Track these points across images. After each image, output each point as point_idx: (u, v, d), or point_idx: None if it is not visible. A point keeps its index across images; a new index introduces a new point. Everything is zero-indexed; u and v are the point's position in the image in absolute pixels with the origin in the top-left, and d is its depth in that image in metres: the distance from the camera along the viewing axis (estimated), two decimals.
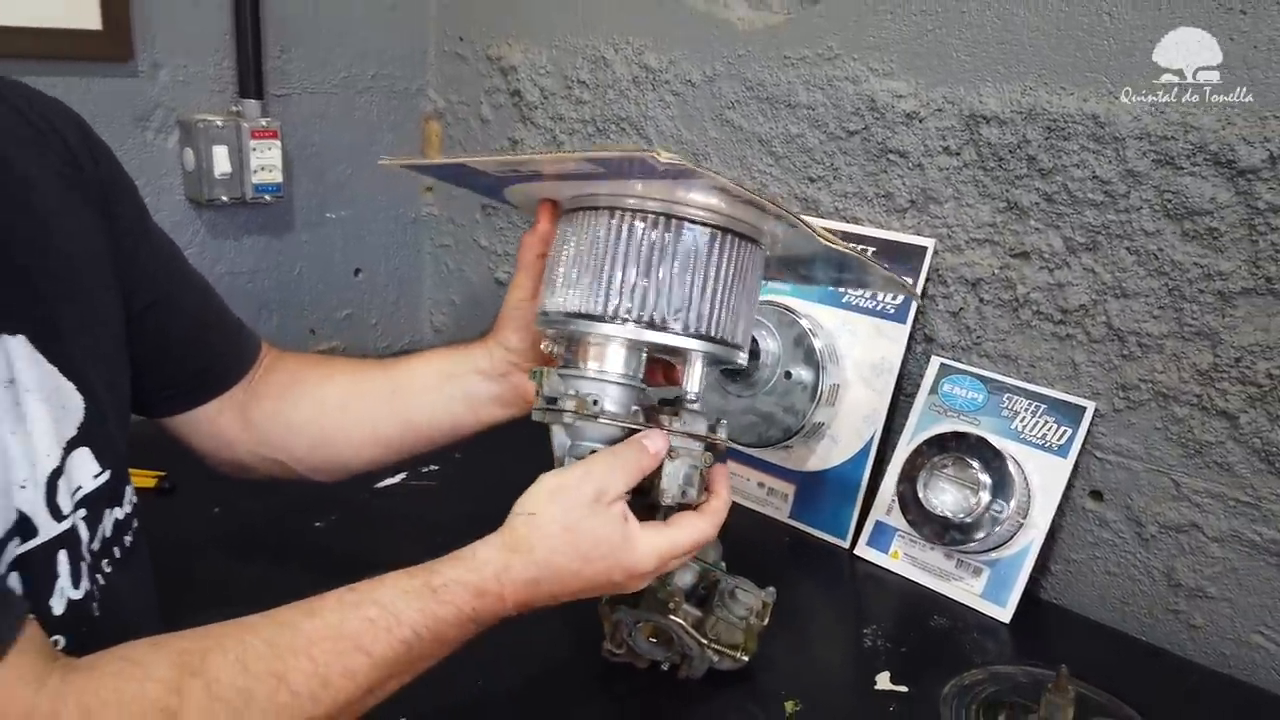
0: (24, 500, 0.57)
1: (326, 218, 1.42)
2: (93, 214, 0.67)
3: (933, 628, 0.92)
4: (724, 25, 1.15)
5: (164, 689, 0.51)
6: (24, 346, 0.58)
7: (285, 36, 1.29)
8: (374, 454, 0.83)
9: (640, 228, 0.65)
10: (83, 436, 0.62)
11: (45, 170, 0.63)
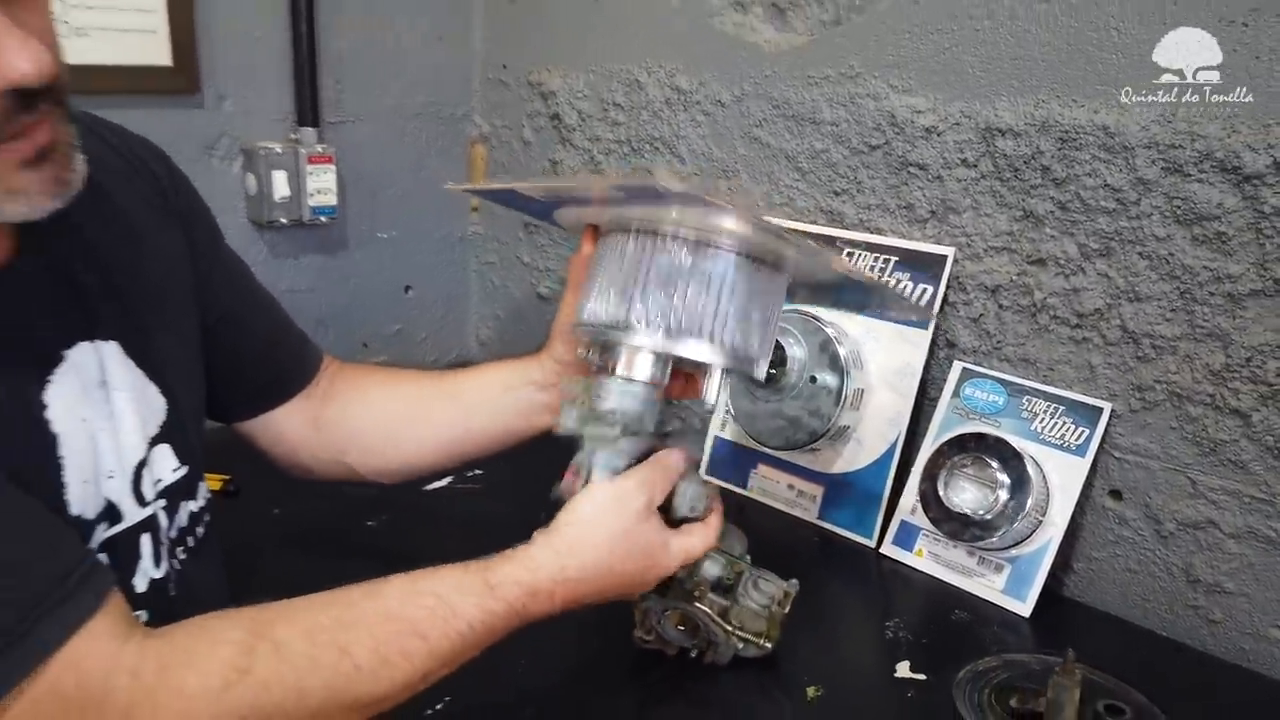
0: (111, 489, 0.65)
1: (378, 238, 1.49)
2: (175, 238, 0.75)
3: (954, 621, 0.96)
4: (751, 48, 1.21)
5: (236, 650, 0.56)
6: (116, 352, 0.66)
7: (339, 68, 1.38)
8: (435, 458, 0.90)
9: (665, 249, 0.70)
10: (164, 434, 0.70)
11: (135, 198, 0.71)
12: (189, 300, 0.76)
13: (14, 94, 0.50)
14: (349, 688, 0.59)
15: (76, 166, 0.57)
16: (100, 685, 0.53)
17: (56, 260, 0.64)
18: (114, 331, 0.66)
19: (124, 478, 0.66)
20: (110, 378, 0.65)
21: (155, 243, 0.73)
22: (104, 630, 0.54)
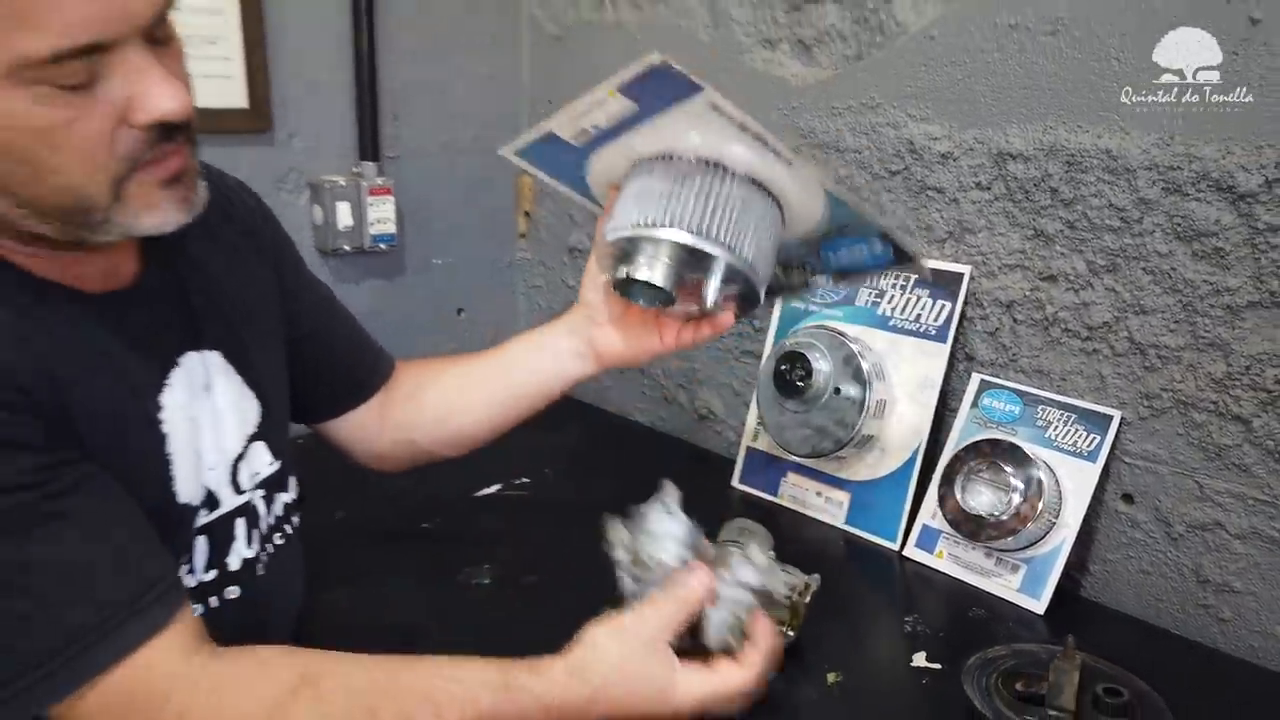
0: (211, 480, 0.74)
1: (433, 264, 1.59)
2: (265, 265, 0.86)
3: (971, 618, 1.01)
4: (779, 81, 1.29)
5: (284, 689, 0.64)
6: (219, 361, 0.76)
7: (397, 107, 1.49)
8: (487, 420, 0.96)
9: (674, 165, 0.77)
10: (259, 433, 0.79)
11: (233, 231, 0.82)
12: (277, 318, 0.86)
13: (158, 126, 0.60)
14: None
15: (200, 191, 0.67)
16: (162, 692, 0.61)
17: (172, 279, 0.74)
18: (216, 343, 0.76)
19: (223, 470, 0.75)
20: (213, 383, 0.75)
21: (249, 268, 0.83)
22: (173, 644, 0.62)
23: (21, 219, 0.61)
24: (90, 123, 0.58)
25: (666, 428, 1.54)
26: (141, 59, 0.59)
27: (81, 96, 0.57)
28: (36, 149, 0.57)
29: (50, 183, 0.59)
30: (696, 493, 1.31)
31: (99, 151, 0.59)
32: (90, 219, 0.62)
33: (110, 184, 0.60)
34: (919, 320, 1.16)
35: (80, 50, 0.55)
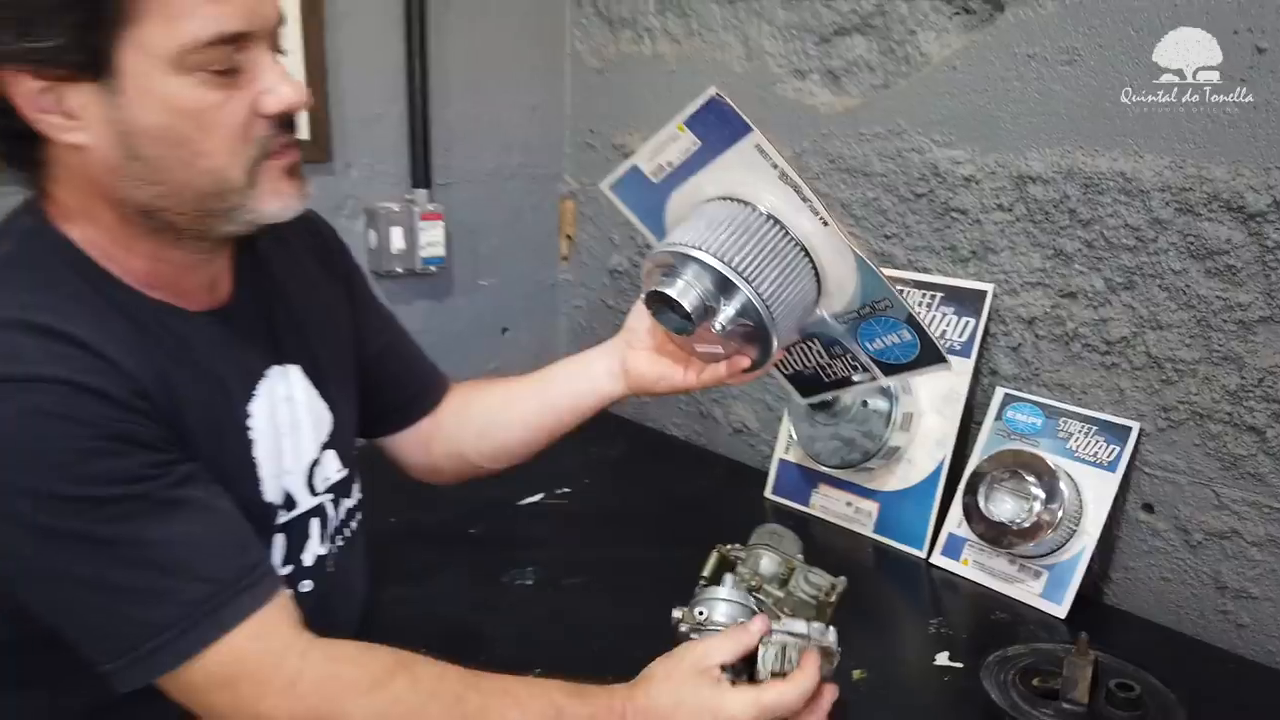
0: (289, 483, 0.81)
1: (479, 285, 1.67)
2: (338, 289, 0.94)
3: (994, 620, 1.05)
4: (809, 110, 1.35)
5: (385, 668, 0.70)
6: (299, 374, 0.83)
7: (448, 137, 1.57)
8: (526, 436, 1.01)
9: (723, 206, 0.83)
10: (330, 442, 0.87)
11: (310, 257, 0.90)
12: (348, 338, 0.94)
13: (280, 117, 0.69)
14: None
15: (308, 187, 0.75)
16: (276, 655, 0.68)
17: (259, 298, 0.82)
18: (296, 357, 0.84)
19: (300, 474, 0.83)
20: (293, 394, 0.82)
21: (324, 291, 0.91)
22: (279, 618, 0.69)
23: (162, 207, 0.69)
24: (235, 106, 0.67)
25: (702, 441, 1.60)
26: (268, 58, 0.68)
27: (227, 83, 0.66)
28: (192, 132, 0.66)
29: (199, 166, 0.68)
30: (731, 504, 1.38)
31: (240, 135, 0.68)
32: (225, 203, 0.70)
33: (246, 168, 0.69)
34: (944, 336, 1.20)
35: (230, 37, 0.65)
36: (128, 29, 0.63)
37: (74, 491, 0.63)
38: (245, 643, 0.66)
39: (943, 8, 1.19)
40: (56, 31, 0.62)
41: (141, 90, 0.65)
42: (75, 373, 0.64)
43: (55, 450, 0.63)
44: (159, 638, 0.64)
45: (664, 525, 1.29)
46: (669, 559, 1.10)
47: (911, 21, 1.22)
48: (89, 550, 0.64)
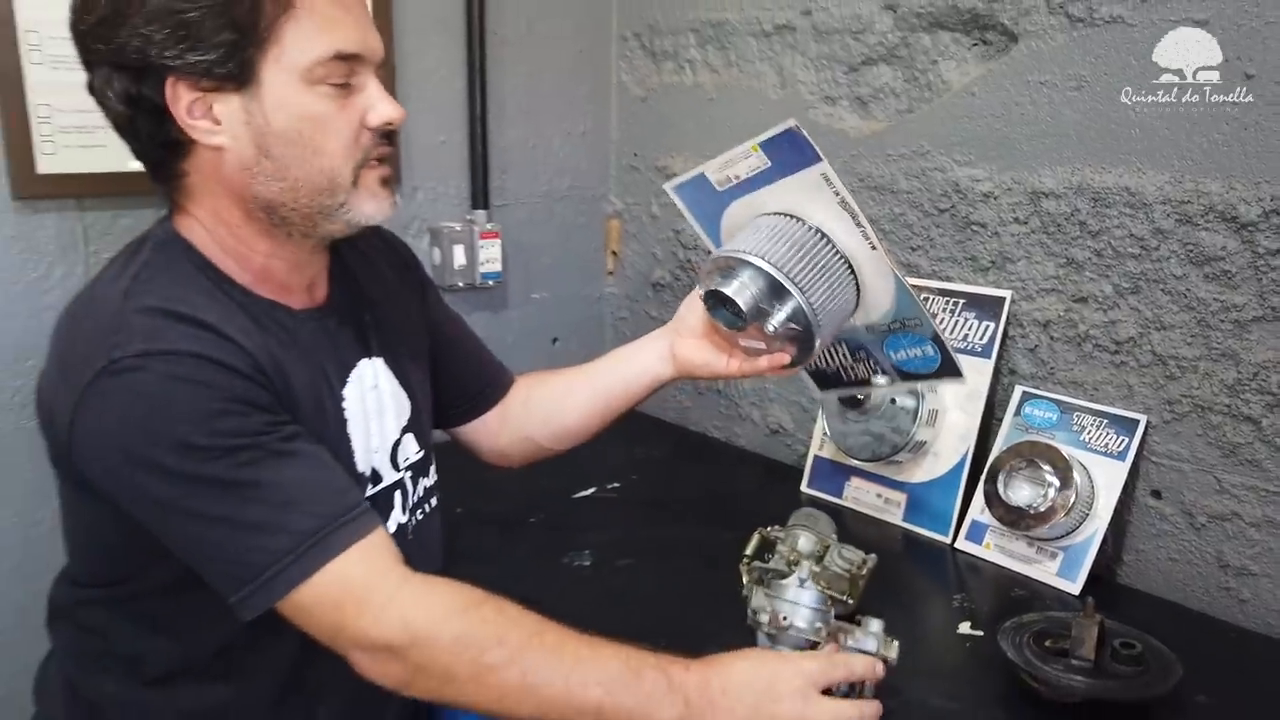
0: (376, 460, 0.94)
1: (532, 298, 1.80)
2: (413, 297, 1.07)
3: (1013, 597, 1.15)
4: (839, 133, 1.47)
5: (472, 598, 0.81)
6: (383, 365, 0.96)
7: (504, 162, 1.71)
8: (585, 418, 1.12)
9: (785, 220, 0.95)
10: (409, 426, 0.99)
11: (389, 269, 1.04)
12: (422, 337, 1.07)
13: (382, 130, 0.84)
14: (533, 656, 0.79)
15: (399, 198, 0.89)
16: (379, 577, 0.79)
17: (349, 300, 0.95)
18: (381, 352, 0.97)
19: (384, 452, 0.95)
20: (379, 383, 0.96)
21: (401, 298, 1.05)
22: (378, 549, 0.80)
23: (283, 202, 0.83)
24: (348, 116, 0.82)
25: (741, 442, 1.71)
26: (374, 81, 0.84)
27: (342, 96, 0.82)
28: (314, 134, 0.81)
29: (317, 164, 0.82)
30: (769, 496, 1.48)
31: (351, 140, 0.83)
32: (334, 199, 0.84)
33: (353, 170, 0.84)
34: (967, 339, 1.31)
35: (346, 55, 0.80)
36: (270, 47, 0.78)
37: (207, 442, 0.75)
38: (349, 567, 0.77)
39: (962, 40, 1.30)
40: (214, 48, 0.77)
41: (277, 98, 0.80)
42: (205, 348, 0.77)
43: (190, 409, 0.76)
44: (276, 565, 0.76)
45: (706, 514, 1.40)
46: (712, 542, 1.23)
47: (933, 52, 1.33)
48: (219, 491, 0.76)
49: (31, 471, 1.30)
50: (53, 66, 1.23)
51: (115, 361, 0.75)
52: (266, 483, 0.77)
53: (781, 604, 0.92)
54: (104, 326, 0.78)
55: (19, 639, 1.34)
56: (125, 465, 0.76)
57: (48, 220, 1.28)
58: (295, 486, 0.78)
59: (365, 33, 0.83)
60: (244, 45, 0.77)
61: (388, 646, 0.78)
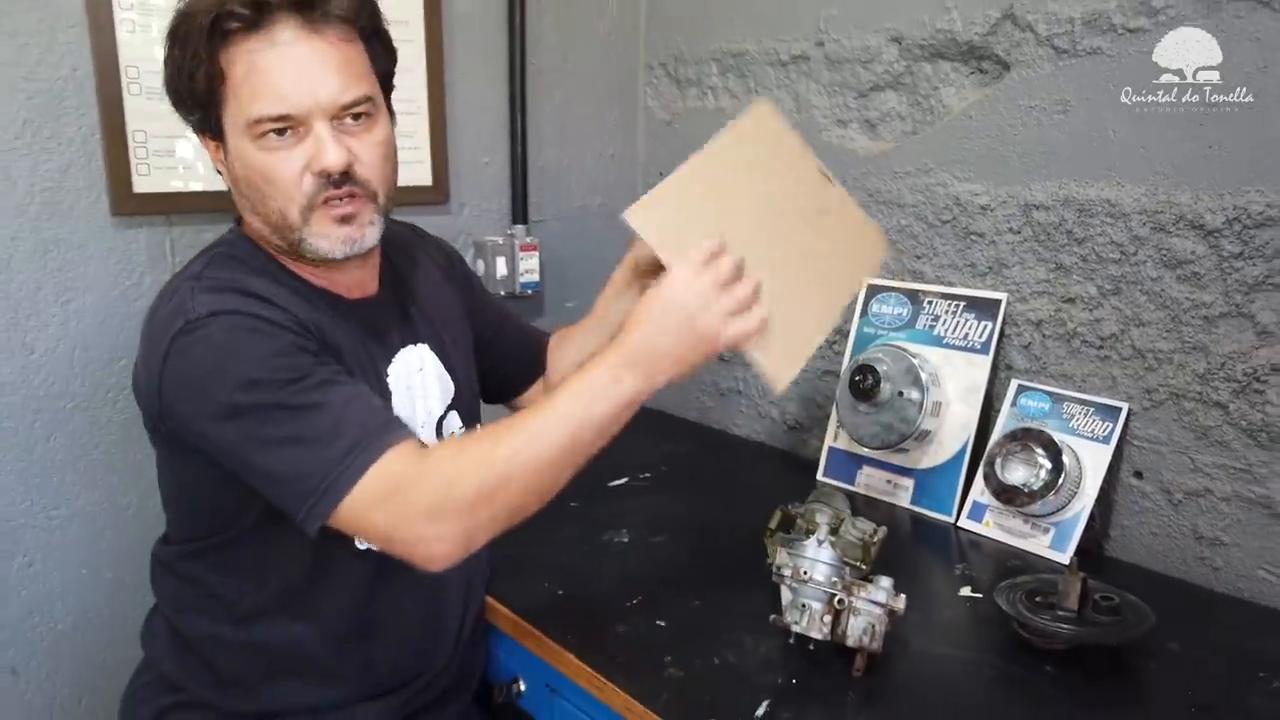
0: (422, 434, 1.08)
1: (566, 306, 1.94)
2: (455, 288, 1.23)
3: (1009, 566, 1.28)
4: (850, 152, 1.61)
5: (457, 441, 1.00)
6: (428, 351, 1.12)
7: (542, 181, 1.86)
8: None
9: None
10: (454, 404, 1.14)
11: (436, 266, 1.21)
12: (465, 325, 1.23)
13: (326, 174, 0.94)
14: (509, 435, 0.91)
15: (368, 235, 0.99)
16: (412, 466, 0.90)
17: (397, 294, 1.11)
18: (427, 339, 1.12)
19: (430, 427, 1.10)
20: (425, 366, 1.11)
21: (446, 293, 1.20)
22: (410, 447, 0.92)
23: (268, 233, 0.98)
24: (289, 165, 0.94)
25: (761, 438, 1.84)
26: (324, 131, 0.94)
27: (290, 144, 0.93)
28: (259, 181, 0.95)
29: (269, 205, 0.96)
30: (788, 484, 1.62)
31: (293, 186, 0.94)
32: (293, 235, 0.97)
33: (300, 212, 0.95)
34: (967, 338, 1.44)
35: (275, 118, 0.91)
36: (224, 111, 0.94)
37: (268, 377, 0.90)
38: (386, 467, 0.89)
39: (960, 68, 1.45)
40: (193, 111, 0.96)
41: (235, 150, 0.96)
42: (261, 310, 0.93)
43: (252, 353, 0.91)
44: (332, 472, 0.88)
45: (731, 498, 1.54)
46: (737, 520, 1.37)
47: (935, 80, 1.48)
48: (281, 415, 0.90)
49: (121, 460, 1.45)
50: (147, 97, 1.39)
51: (189, 323, 0.91)
52: (317, 404, 0.90)
53: (802, 560, 1.05)
54: (179, 302, 0.94)
55: (119, 600, 1.50)
56: (205, 405, 0.90)
57: (140, 234, 1.44)
58: (342, 407, 0.91)
59: (297, 94, 0.91)
60: (208, 110, 0.94)
61: (428, 511, 0.88)
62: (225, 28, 0.90)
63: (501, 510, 0.91)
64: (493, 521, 0.91)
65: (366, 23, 0.98)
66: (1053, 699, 0.98)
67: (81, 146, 1.37)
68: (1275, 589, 1.19)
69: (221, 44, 0.91)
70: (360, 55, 0.97)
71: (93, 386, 1.42)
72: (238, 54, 0.91)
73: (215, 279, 0.96)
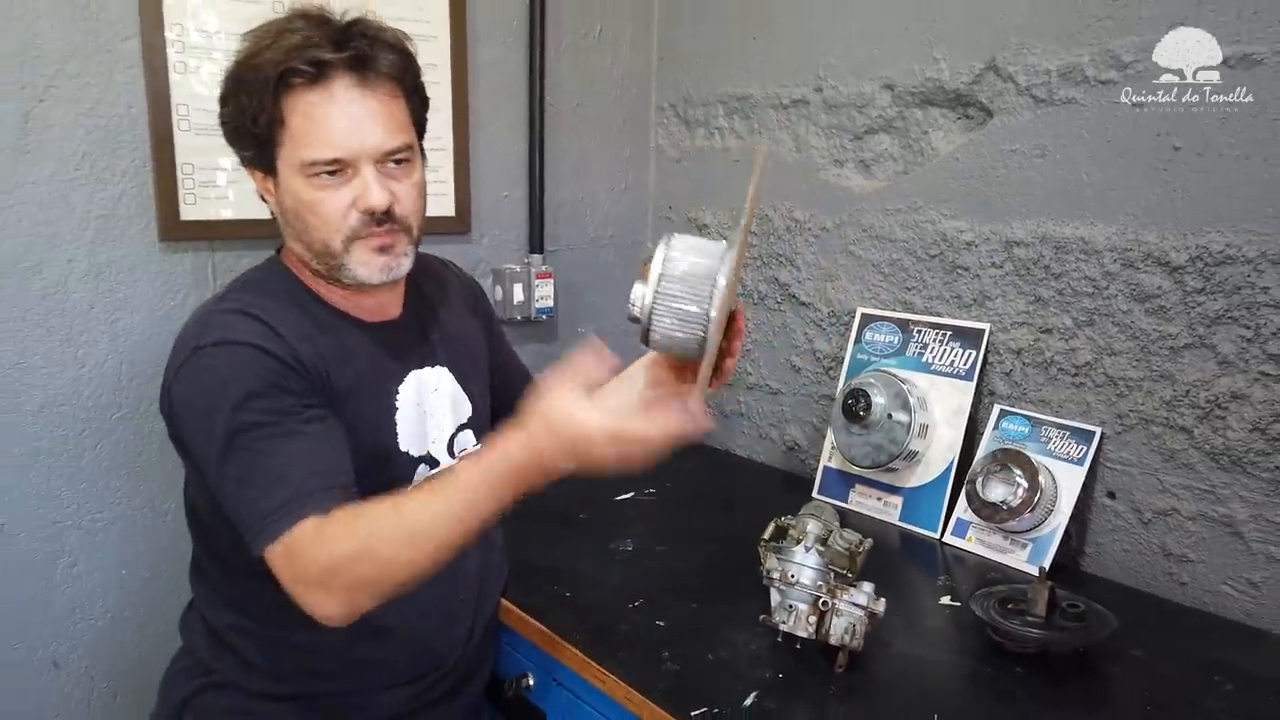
0: (434, 449, 1.18)
1: (579, 331, 2.05)
2: (478, 320, 1.33)
3: (988, 579, 1.36)
4: (845, 190, 1.71)
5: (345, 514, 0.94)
6: (446, 373, 1.22)
7: (557, 213, 1.97)
8: None
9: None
10: (468, 424, 1.24)
11: (459, 299, 1.31)
12: (484, 354, 1.32)
13: (370, 212, 1.04)
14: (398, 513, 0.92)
15: (403, 264, 1.10)
16: (313, 541, 0.92)
17: (420, 319, 1.21)
18: (446, 362, 1.22)
19: (441, 444, 1.20)
20: (440, 387, 1.20)
21: (468, 323, 1.30)
22: (317, 522, 0.93)
23: (309, 258, 1.08)
24: (336, 201, 1.04)
25: (761, 458, 1.93)
26: (370, 174, 1.04)
27: (339, 183, 1.04)
28: (306, 213, 1.06)
29: (313, 235, 1.06)
30: (785, 500, 1.70)
31: (339, 219, 1.05)
32: (334, 262, 1.07)
33: (343, 242, 1.06)
34: (952, 365, 1.54)
35: (326, 161, 1.03)
36: (279, 149, 1.05)
37: (242, 417, 0.98)
38: (297, 535, 0.93)
39: (948, 114, 1.55)
40: (249, 148, 1.07)
41: (286, 184, 1.07)
42: (259, 339, 1.02)
43: (241, 388, 1.00)
44: (257, 524, 0.96)
45: (730, 513, 1.63)
46: (734, 532, 1.46)
47: (925, 124, 1.59)
48: (242, 455, 0.98)
49: (160, 468, 1.56)
50: (196, 133, 1.51)
51: (199, 348, 1.02)
52: (274, 453, 0.98)
53: (790, 565, 1.14)
54: (199, 324, 1.06)
55: (154, 600, 1.59)
56: (199, 424, 1.01)
57: (186, 259, 1.55)
58: (291, 462, 0.97)
59: (348, 142, 1.02)
60: (265, 147, 1.05)
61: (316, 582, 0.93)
62: (289, 81, 1.01)
63: (386, 587, 0.94)
64: (374, 597, 0.95)
65: (409, 80, 1.09)
66: (1020, 696, 1.07)
67: (134, 177, 1.48)
68: (1237, 603, 1.27)
69: (285, 93, 1.02)
70: (402, 108, 1.08)
71: (137, 399, 1.53)
72: (298, 103, 1.02)
73: (237, 301, 1.06)
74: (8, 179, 1.38)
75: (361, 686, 1.16)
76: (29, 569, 1.47)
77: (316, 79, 1.02)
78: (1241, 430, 1.25)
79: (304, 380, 1.04)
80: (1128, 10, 1.29)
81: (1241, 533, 1.26)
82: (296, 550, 0.94)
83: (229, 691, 1.15)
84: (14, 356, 1.42)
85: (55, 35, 1.39)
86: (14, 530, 1.45)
